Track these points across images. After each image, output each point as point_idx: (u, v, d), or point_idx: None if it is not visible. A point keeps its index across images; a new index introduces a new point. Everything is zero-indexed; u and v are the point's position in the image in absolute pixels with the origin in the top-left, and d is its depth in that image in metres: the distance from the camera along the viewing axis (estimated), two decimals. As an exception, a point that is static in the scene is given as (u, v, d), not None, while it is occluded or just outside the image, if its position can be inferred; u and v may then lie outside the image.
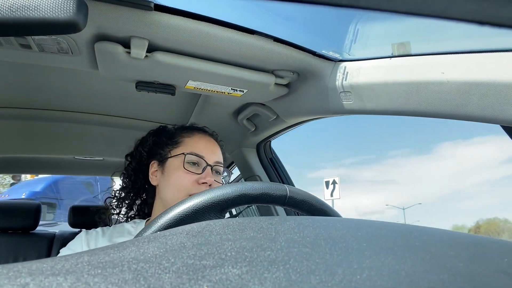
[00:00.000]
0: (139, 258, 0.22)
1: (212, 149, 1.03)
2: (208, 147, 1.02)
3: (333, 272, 0.21)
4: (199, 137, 1.04)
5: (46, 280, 0.19)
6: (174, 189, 0.95)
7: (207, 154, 0.99)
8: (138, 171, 1.07)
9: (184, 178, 0.94)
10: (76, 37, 0.84)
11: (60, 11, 0.46)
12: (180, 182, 0.94)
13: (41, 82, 1.37)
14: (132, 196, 1.09)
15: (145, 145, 1.08)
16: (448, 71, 0.75)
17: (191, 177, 0.94)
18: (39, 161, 2.36)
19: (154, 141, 1.06)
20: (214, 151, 1.03)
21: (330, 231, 0.29)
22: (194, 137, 1.04)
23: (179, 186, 0.94)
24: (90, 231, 0.96)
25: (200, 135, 1.06)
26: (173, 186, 0.95)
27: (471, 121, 0.76)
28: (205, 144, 1.03)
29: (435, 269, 0.22)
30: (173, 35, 0.85)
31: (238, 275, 0.20)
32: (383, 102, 0.91)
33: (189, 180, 0.94)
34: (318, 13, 0.99)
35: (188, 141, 1.02)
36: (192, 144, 1.01)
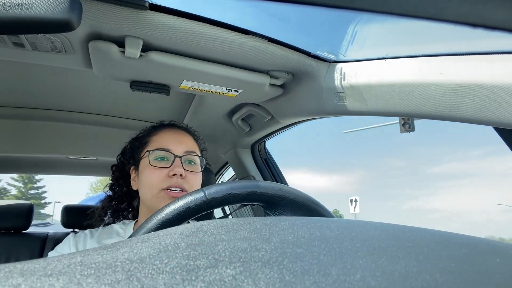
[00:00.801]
0: (133, 258, 0.22)
1: (180, 139, 1.01)
2: (174, 139, 1.00)
3: (327, 273, 0.21)
4: (165, 132, 1.03)
5: (38, 280, 0.18)
6: (147, 188, 0.94)
7: (174, 146, 0.97)
8: (121, 179, 1.09)
9: (152, 175, 0.93)
10: (70, 36, 0.83)
11: (53, 9, 0.46)
12: (150, 179, 0.93)
13: (34, 81, 1.36)
14: (117, 204, 1.09)
15: (125, 153, 1.09)
16: (442, 73, 0.76)
17: (160, 172, 0.93)
18: (32, 161, 2.34)
19: (130, 147, 1.07)
20: (182, 141, 1.00)
21: (324, 232, 0.29)
22: (160, 133, 1.03)
23: (150, 183, 0.93)
24: (78, 234, 0.95)
25: (166, 130, 1.04)
26: (146, 185, 0.94)
27: (464, 123, 0.77)
28: (171, 136, 1.01)
29: (428, 269, 0.22)
30: (168, 34, 0.85)
31: (232, 276, 0.20)
32: (378, 103, 0.91)
33: (158, 175, 0.92)
34: (313, 14, 0.99)
35: (154, 139, 1.01)
36: (158, 140, 0.99)
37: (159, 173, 0.93)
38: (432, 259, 0.24)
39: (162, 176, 0.92)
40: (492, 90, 0.67)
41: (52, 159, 2.33)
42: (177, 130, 1.05)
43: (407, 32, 0.90)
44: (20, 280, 0.18)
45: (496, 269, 0.23)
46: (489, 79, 0.68)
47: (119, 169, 1.10)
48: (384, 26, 0.92)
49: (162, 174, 0.92)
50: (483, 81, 0.69)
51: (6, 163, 2.32)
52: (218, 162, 2.19)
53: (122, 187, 1.08)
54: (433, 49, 0.81)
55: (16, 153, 2.02)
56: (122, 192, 1.08)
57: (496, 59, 0.69)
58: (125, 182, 1.07)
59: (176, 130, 1.05)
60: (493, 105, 0.68)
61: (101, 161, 2.33)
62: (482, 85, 0.69)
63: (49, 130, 1.75)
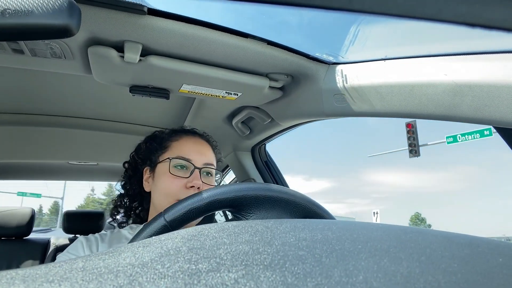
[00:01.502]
0: (134, 263, 0.22)
1: (201, 150, 1.01)
2: (196, 149, 1.00)
3: (329, 275, 0.21)
4: (187, 140, 1.02)
5: (40, 287, 0.18)
6: (163, 195, 0.93)
7: (195, 156, 0.97)
8: (134, 178, 1.07)
9: (171, 183, 0.93)
10: (69, 42, 0.83)
11: (52, 15, 0.46)
12: (168, 187, 0.93)
13: (34, 87, 1.37)
14: (128, 203, 1.08)
15: (139, 152, 1.08)
16: (441, 73, 0.76)
17: (178, 182, 0.93)
18: (32, 166, 2.34)
19: (146, 147, 1.06)
20: (203, 152, 1.00)
21: (326, 234, 0.29)
22: (182, 140, 1.02)
23: (167, 191, 0.93)
24: (88, 237, 0.94)
25: (188, 138, 1.04)
26: (162, 192, 0.94)
27: (465, 123, 0.77)
28: (192, 146, 1.01)
29: (431, 270, 0.22)
30: (167, 39, 0.85)
31: (234, 279, 0.20)
32: (377, 104, 0.91)
33: (176, 185, 0.92)
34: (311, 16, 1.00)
35: (175, 145, 1.00)
36: (179, 148, 0.99)
37: (177, 183, 0.92)
38: (435, 260, 0.24)
39: (180, 185, 0.92)
40: (492, 89, 0.68)
41: (53, 164, 2.33)
42: (198, 139, 1.05)
43: (406, 33, 0.90)
44: (22, 286, 0.18)
45: (498, 269, 0.23)
46: (489, 78, 0.68)
47: (132, 167, 1.08)
48: (383, 27, 0.92)
49: (179, 183, 0.92)
50: (482, 81, 0.69)
51: (7, 169, 2.32)
52: (218, 165, 2.18)
53: (134, 185, 1.07)
54: (432, 49, 0.82)
55: (17, 159, 2.03)
56: (134, 191, 1.07)
57: (495, 58, 0.69)
58: (137, 181, 1.06)
59: (198, 139, 1.05)
60: (493, 105, 0.68)
61: (102, 166, 2.33)
62: (481, 85, 0.69)
63: (49, 135, 1.76)
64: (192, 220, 0.57)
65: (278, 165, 1.85)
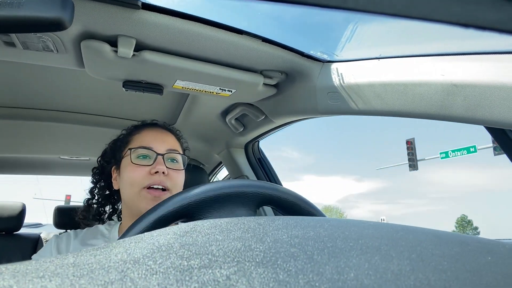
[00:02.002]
0: (126, 259, 0.22)
1: (162, 138, 1.00)
2: (157, 137, 1.00)
3: (320, 272, 0.21)
4: (147, 131, 1.02)
5: (30, 282, 0.18)
6: (128, 186, 0.93)
7: (156, 144, 0.96)
8: (101, 180, 1.08)
9: (134, 173, 0.92)
10: (61, 35, 0.82)
11: (45, 8, 0.45)
12: (132, 177, 0.92)
13: (26, 80, 1.35)
14: (98, 207, 1.08)
15: (105, 155, 1.08)
16: (434, 72, 0.77)
17: (142, 170, 0.92)
18: (23, 161, 2.32)
19: (111, 148, 1.07)
20: (164, 139, 1.00)
21: (318, 231, 0.29)
22: (142, 132, 1.02)
23: (132, 181, 0.92)
24: (60, 235, 0.94)
25: (148, 129, 1.04)
26: (127, 183, 0.93)
27: (456, 122, 0.77)
28: (153, 135, 1.00)
29: (421, 267, 0.22)
30: (161, 34, 0.84)
31: (226, 276, 0.20)
32: (371, 102, 0.91)
33: (140, 173, 0.91)
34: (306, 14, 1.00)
35: (136, 138, 1.00)
36: (140, 139, 0.99)
37: (141, 171, 0.91)
38: (425, 258, 0.24)
39: (144, 173, 0.91)
40: (484, 89, 0.68)
41: (44, 159, 2.31)
42: (159, 129, 1.05)
43: (400, 32, 0.90)
44: (12, 282, 0.18)
45: (487, 267, 0.23)
46: (481, 78, 0.69)
47: (99, 171, 1.09)
48: (377, 26, 0.93)
49: (144, 171, 0.91)
50: (474, 81, 0.69)
51: None
52: (212, 162, 2.18)
53: (103, 189, 1.07)
54: (426, 49, 0.82)
55: (7, 154, 2.00)
56: (104, 194, 1.07)
57: (487, 59, 0.70)
58: (106, 183, 1.06)
59: (158, 129, 1.05)
60: (484, 105, 0.69)
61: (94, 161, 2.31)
62: (473, 85, 0.70)
63: (40, 130, 1.74)
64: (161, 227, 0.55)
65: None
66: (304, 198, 0.64)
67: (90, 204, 1.08)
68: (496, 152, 15.28)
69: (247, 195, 0.58)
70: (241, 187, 0.58)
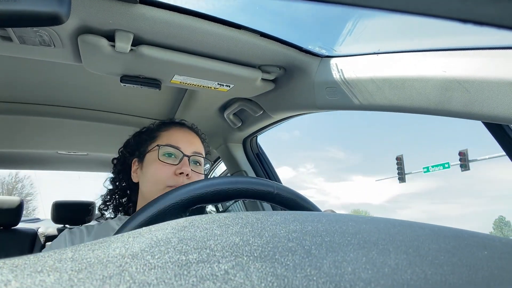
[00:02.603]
0: (124, 253, 0.22)
1: (189, 139, 1.02)
2: (184, 138, 1.01)
3: (318, 266, 0.21)
4: (176, 130, 1.04)
5: (29, 277, 0.18)
6: (152, 183, 0.94)
7: (184, 144, 0.98)
8: (122, 172, 1.08)
9: (160, 170, 0.93)
10: (58, 30, 0.82)
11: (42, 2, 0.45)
12: (157, 174, 0.93)
13: (23, 75, 1.34)
14: (117, 198, 1.08)
15: (128, 146, 1.08)
16: (432, 67, 0.77)
17: (167, 169, 0.93)
18: (20, 156, 2.31)
19: (135, 141, 1.07)
20: (191, 141, 1.01)
21: (315, 226, 0.29)
22: (171, 130, 1.03)
23: (156, 178, 0.93)
24: (73, 230, 0.93)
25: (177, 128, 1.05)
26: (151, 180, 0.94)
27: (454, 117, 0.77)
28: (181, 135, 1.02)
29: (418, 262, 0.23)
30: (159, 28, 0.84)
31: (225, 270, 0.20)
32: (369, 98, 0.91)
33: (165, 171, 0.93)
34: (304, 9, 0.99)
35: (164, 134, 1.01)
36: (168, 137, 1.00)
37: (166, 170, 0.93)
38: (422, 252, 0.24)
39: (169, 173, 0.92)
40: (482, 85, 0.68)
41: (42, 154, 2.30)
42: (187, 129, 1.07)
43: (398, 27, 0.90)
44: (11, 276, 0.18)
45: (483, 261, 0.23)
46: (478, 74, 0.69)
47: (120, 162, 1.09)
48: (376, 21, 0.92)
49: (169, 171, 0.93)
50: (472, 76, 0.70)
51: None
52: (210, 157, 2.18)
53: (123, 181, 1.07)
54: (424, 44, 0.82)
55: (5, 149, 2.00)
56: (123, 186, 1.07)
57: (485, 54, 0.70)
58: (126, 175, 1.06)
59: (186, 129, 1.06)
60: (482, 100, 0.69)
61: (92, 156, 2.31)
62: (471, 80, 0.70)
63: (38, 125, 1.73)
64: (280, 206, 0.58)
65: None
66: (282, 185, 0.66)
67: (112, 194, 1.08)
68: (462, 168, 17.82)
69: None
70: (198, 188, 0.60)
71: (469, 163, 17.99)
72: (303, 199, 0.66)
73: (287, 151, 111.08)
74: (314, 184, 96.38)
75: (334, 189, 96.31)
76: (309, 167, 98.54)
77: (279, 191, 0.63)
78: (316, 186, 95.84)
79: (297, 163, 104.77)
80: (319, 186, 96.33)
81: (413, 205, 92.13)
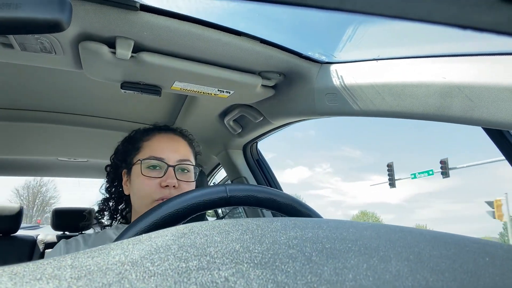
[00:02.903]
0: (124, 261, 0.22)
1: (173, 147, 0.97)
2: (168, 146, 0.97)
3: (319, 273, 0.21)
4: (158, 138, 0.99)
5: (28, 284, 0.18)
6: (139, 197, 0.92)
7: (167, 154, 0.94)
8: (116, 180, 1.05)
9: (144, 185, 0.90)
10: (59, 37, 0.82)
11: (43, 9, 0.45)
12: (142, 189, 0.90)
13: (23, 82, 1.35)
14: (115, 205, 1.06)
15: (117, 154, 1.06)
16: (432, 73, 0.77)
17: (152, 182, 0.90)
18: (21, 163, 2.31)
19: (123, 149, 1.04)
20: (175, 149, 0.97)
21: (316, 232, 0.29)
22: (153, 139, 0.99)
23: (142, 193, 0.90)
24: (69, 240, 0.91)
25: (160, 136, 1.00)
26: (137, 194, 0.92)
27: (454, 123, 0.77)
28: (164, 144, 0.97)
29: (419, 268, 0.22)
30: (159, 35, 0.84)
31: (225, 277, 0.20)
32: (369, 104, 0.92)
33: (149, 186, 0.90)
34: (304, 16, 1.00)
35: (147, 145, 0.97)
36: (151, 147, 0.96)
37: (151, 183, 0.90)
38: (423, 259, 0.24)
39: (154, 186, 0.89)
40: (481, 90, 0.68)
41: (42, 161, 2.30)
42: (171, 135, 1.02)
43: (398, 34, 0.91)
44: (10, 284, 0.18)
45: (485, 268, 0.23)
46: (478, 80, 0.69)
47: (113, 169, 1.06)
48: (375, 28, 0.93)
49: (154, 184, 0.90)
50: (472, 82, 0.70)
51: None
52: (210, 163, 2.18)
53: (118, 187, 1.05)
54: (424, 50, 0.82)
55: (5, 156, 2.00)
56: (119, 192, 1.04)
57: (485, 60, 0.70)
58: (120, 182, 1.04)
59: (170, 135, 1.02)
60: (482, 106, 0.69)
61: (92, 163, 2.31)
62: (471, 86, 0.70)
63: (38, 132, 1.73)
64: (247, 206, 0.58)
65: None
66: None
67: (107, 202, 1.05)
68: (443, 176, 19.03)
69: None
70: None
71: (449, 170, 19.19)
72: (260, 191, 0.64)
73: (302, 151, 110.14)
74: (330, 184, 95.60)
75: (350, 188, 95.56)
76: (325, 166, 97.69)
77: (233, 193, 0.62)
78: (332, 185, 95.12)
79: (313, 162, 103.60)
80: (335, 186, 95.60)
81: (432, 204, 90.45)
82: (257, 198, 0.63)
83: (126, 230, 0.55)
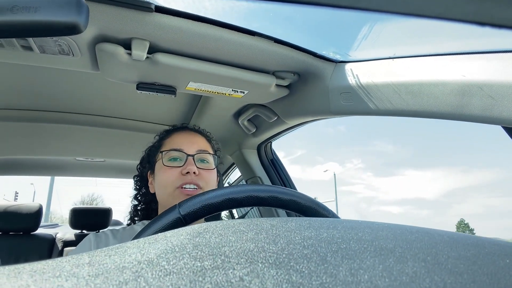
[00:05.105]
0: (140, 259, 0.22)
1: (191, 140, 1.04)
2: (186, 139, 1.03)
3: (334, 274, 0.21)
4: (176, 134, 1.07)
5: (47, 281, 0.19)
6: (162, 187, 0.96)
7: (186, 145, 1.00)
8: (142, 187, 1.12)
9: (167, 174, 0.95)
10: (77, 39, 0.84)
11: (61, 13, 0.46)
12: (165, 178, 0.96)
13: (42, 83, 1.38)
14: (145, 209, 1.12)
15: (142, 161, 1.13)
16: (450, 72, 0.75)
17: (173, 171, 0.95)
18: (40, 162, 2.36)
19: (147, 154, 1.11)
20: (193, 141, 1.03)
21: (331, 233, 0.28)
22: (172, 135, 1.06)
23: (165, 182, 0.95)
24: (99, 234, 0.96)
25: (178, 132, 1.08)
26: (161, 185, 0.97)
27: (472, 122, 0.76)
28: (182, 137, 1.04)
29: (436, 270, 0.22)
30: (174, 36, 0.85)
31: (239, 277, 0.20)
32: (384, 103, 0.91)
33: (172, 174, 0.95)
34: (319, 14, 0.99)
35: (167, 141, 1.04)
36: (170, 142, 1.03)
37: (173, 172, 0.95)
38: (441, 260, 0.23)
39: (176, 174, 0.94)
40: (501, 88, 0.67)
41: (60, 161, 2.35)
42: (189, 131, 1.09)
43: (414, 32, 0.89)
44: (30, 281, 0.19)
45: (505, 270, 0.23)
46: (498, 77, 0.67)
47: (139, 178, 1.13)
48: (391, 26, 0.92)
49: (175, 172, 0.95)
50: (491, 80, 0.68)
51: (14, 165, 2.34)
52: (225, 163, 2.19)
53: (146, 194, 1.11)
54: (441, 48, 0.81)
55: (25, 155, 2.05)
56: (147, 198, 1.11)
57: (504, 57, 0.68)
58: (146, 185, 1.10)
59: (188, 131, 1.09)
60: (501, 104, 0.68)
61: (109, 162, 2.34)
62: (490, 84, 0.68)
63: (57, 132, 1.77)
64: (206, 215, 0.57)
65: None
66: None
67: (136, 209, 1.12)
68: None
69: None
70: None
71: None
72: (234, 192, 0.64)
73: (334, 147, 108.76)
74: (362, 180, 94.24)
75: (383, 184, 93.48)
76: (356, 162, 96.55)
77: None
78: (364, 181, 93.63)
79: (344, 158, 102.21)
80: (367, 182, 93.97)
81: (471, 199, 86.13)
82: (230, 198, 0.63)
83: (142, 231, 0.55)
